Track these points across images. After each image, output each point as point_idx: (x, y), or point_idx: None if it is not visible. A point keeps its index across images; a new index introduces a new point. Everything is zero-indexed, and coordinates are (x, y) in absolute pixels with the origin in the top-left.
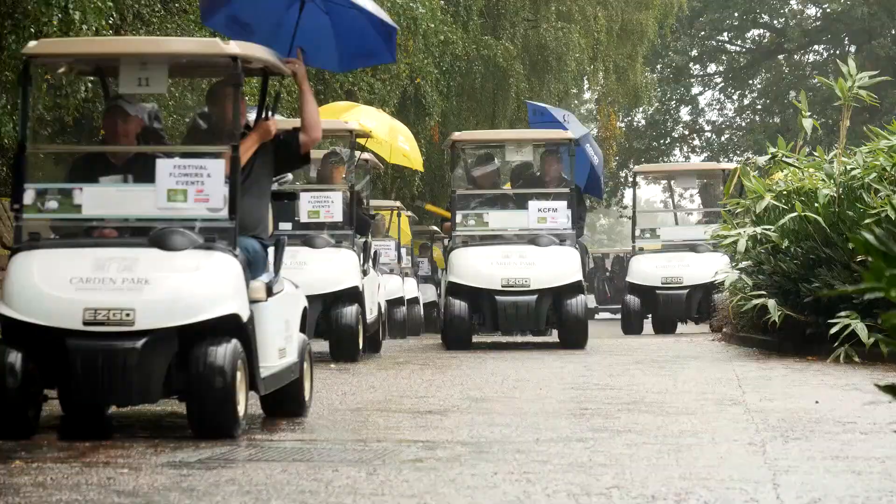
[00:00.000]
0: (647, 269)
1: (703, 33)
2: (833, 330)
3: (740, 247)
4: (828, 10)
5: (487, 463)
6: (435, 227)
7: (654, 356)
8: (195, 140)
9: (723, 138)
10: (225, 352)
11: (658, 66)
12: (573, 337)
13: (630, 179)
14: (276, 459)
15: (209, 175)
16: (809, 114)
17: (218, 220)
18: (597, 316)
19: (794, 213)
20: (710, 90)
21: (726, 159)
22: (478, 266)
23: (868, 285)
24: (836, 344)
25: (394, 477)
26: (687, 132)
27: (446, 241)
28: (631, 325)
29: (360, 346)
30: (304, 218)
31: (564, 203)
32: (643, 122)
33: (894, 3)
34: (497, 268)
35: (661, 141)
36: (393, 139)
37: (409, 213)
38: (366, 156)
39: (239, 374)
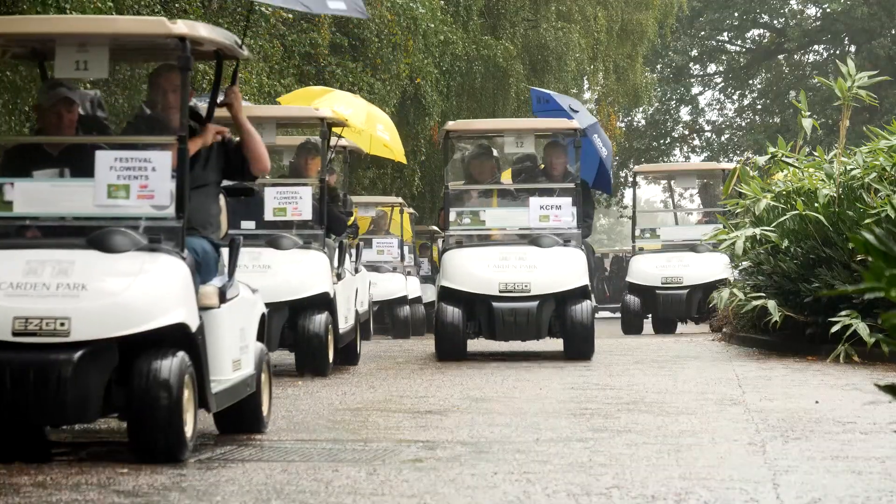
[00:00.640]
0: (647, 269)
1: (703, 33)
2: (833, 329)
3: (738, 249)
4: (828, 10)
5: (487, 463)
6: (435, 227)
7: (654, 356)
8: (139, 130)
9: (723, 138)
10: (171, 365)
11: (658, 66)
12: (578, 347)
13: (630, 179)
14: (276, 459)
15: (154, 169)
16: (809, 114)
17: (163, 219)
18: (597, 315)
19: (795, 213)
20: (710, 90)
21: (726, 159)
22: (473, 269)
23: (868, 285)
24: (836, 343)
25: (394, 477)
26: (687, 132)
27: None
28: (631, 325)
29: (330, 359)
30: (268, 216)
31: (569, 199)
32: (643, 122)
33: (894, 3)
34: (494, 271)
35: (661, 141)
36: (371, 127)
37: (411, 210)
38: (343, 142)
39: (186, 391)
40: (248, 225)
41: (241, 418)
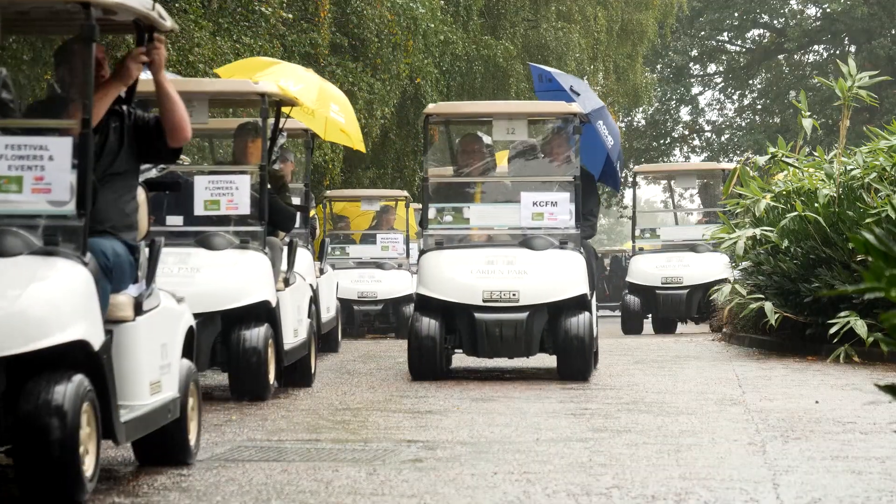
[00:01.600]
0: (647, 269)
1: (703, 33)
2: (833, 329)
3: (739, 249)
4: (828, 10)
5: (487, 463)
6: None
7: (654, 356)
8: (41, 113)
9: (723, 138)
10: (65, 391)
11: (658, 66)
12: (573, 365)
13: (630, 179)
14: (276, 459)
15: (51, 158)
16: (809, 114)
17: (62, 217)
18: (597, 313)
19: (794, 213)
20: (710, 90)
21: (726, 159)
22: (453, 275)
23: (868, 285)
24: (836, 343)
25: (394, 477)
26: (687, 132)
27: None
28: (631, 325)
29: (272, 379)
30: (199, 210)
31: (567, 195)
32: (643, 122)
33: (894, 3)
34: (478, 277)
35: (661, 141)
36: (324, 107)
37: (418, 205)
38: (301, 125)
39: (85, 419)
40: (174, 221)
41: (163, 448)
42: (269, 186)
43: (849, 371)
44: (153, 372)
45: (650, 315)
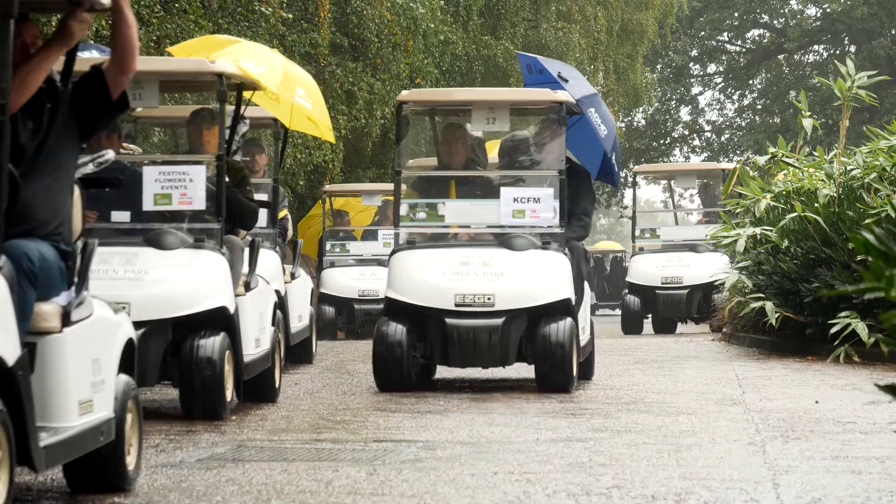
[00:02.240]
0: (647, 269)
1: (703, 33)
2: (833, 330)
3: (739, 247)
4: (828, 10)
5: (487, 463)
6: None
7: (654, 356)
8: None
9: (723, 138)
10: None
11: (658, 66)
12: (553, 375)
13: (630, 179)
14: (276, 459)
15: None
16: (809, 114)
17: None
18: (597, 312)
19: (794, 214)
20: (710, 90)
21: (726, 159)
22: (424, 276)
23: (868, 285)
24: (836, 343)
25: (394, 477)
26: (687, 132)
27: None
28: (631, 325)
29: (229, 395)
30: (148, 205)
31: (550, 191)
32: (643, 122)
33: (894, 3)
34: (450, 279)
35: (661, 141)
36: (289, 91)
37: None
38: (269, 113)
39: None
40: (120, 217)
41: (97, 474)
42: (227, 179)
43: (849, 371)
44: (83, 390)
45: (650, 315)
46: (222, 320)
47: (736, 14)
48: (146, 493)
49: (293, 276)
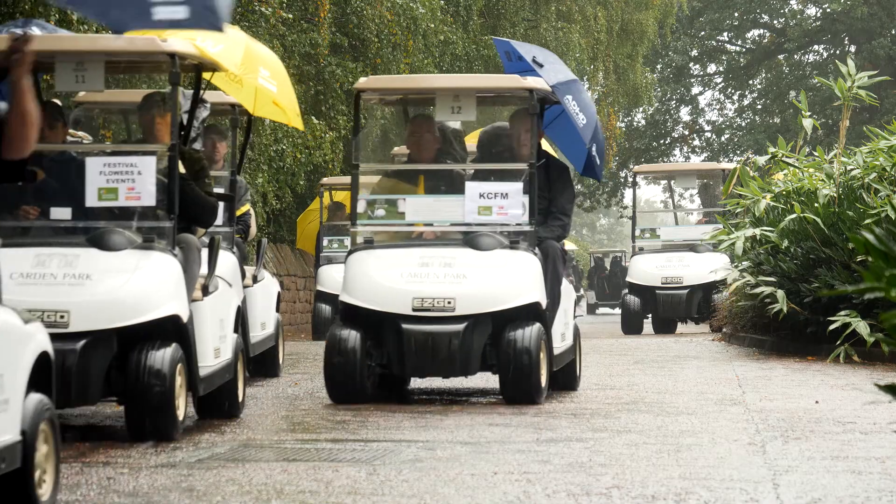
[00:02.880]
0: (647, 269)
1: (703, 33)
2: (832, 327)
3: (738, 249)
4: (828, 10)
5: (487, 463)
6: None
7: (654, 356)
8: None
9: (723, 138)
10: None
11: (658, 66)
12: (518, 385)
13: (630, 179)
14: (275, 459)
15: None
16: (809, 114)
17: None
18: (597, 311)
19: (794, 214)
20: (710, 90)
21: (726, 159)
22: (380, 279)
23: (868, 285)
24: (837, 342)
25: (394, 477)
26: (687, 132)
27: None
28: (631, 325)
29: (181, 414)
30: (91, 200)
31: (520, 186)
32: (643, 122)
33: (894, 3)
34: (408, 281)
35: (661, 141)
36: (250, 71)
37: None
38: (228, 98)
39: None
40: (60, 213)
41: None
42: (183, 171)
43: (849, 371)
44: None
45: (650, 315)
46: (174, 330)
47: (736, 14)
48: (146, 493)
49: (255, 279)
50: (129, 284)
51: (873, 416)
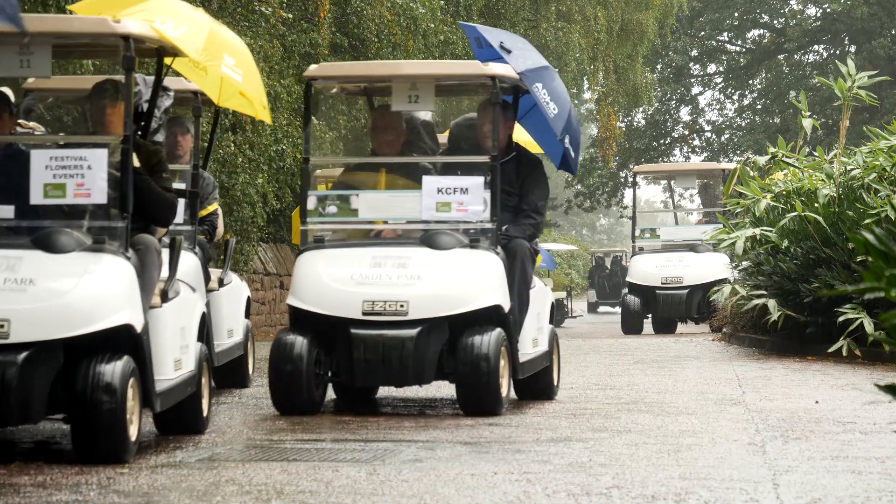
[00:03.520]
0: (647, 269)
1: (703, 33)
2: (840, 319)
3: (738, 249)
4: (828, 10)
5: (487, 463)
6: None
7: (654, 356)
8: None
9: (723, 138)
10: None
11: (658, 66)
12: (476, 394)
13: (630, 179)
14: (276, 459)
15: None
16: (809, 114)
17: None
18: (598, 310)
19: (794, 214)
20: (710, 90)
21: (726, 159)
22: (329, 281)
23: (868, 285)
24: (842, 338)
25: (394, 477)
26: (687, 132)
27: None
28: (631, 325)
29: (133, 434)
30: (36, 198)
31: (480, 181)
32: (643, 122)
33: (894, 3)
34: (358, 283)
35: (661, 141)
36: (213, 58)
37: None
38: (190, 85)
39: None
40: (3, 212)
41: None
42: (139, 165)
43: (849, 371)
44: None
45: (650, 315)
46: (127, 340)
47: (736, 14)
48: (146, 493)
49: (221, 283)
50: (76, 290)
51: (873, 416)
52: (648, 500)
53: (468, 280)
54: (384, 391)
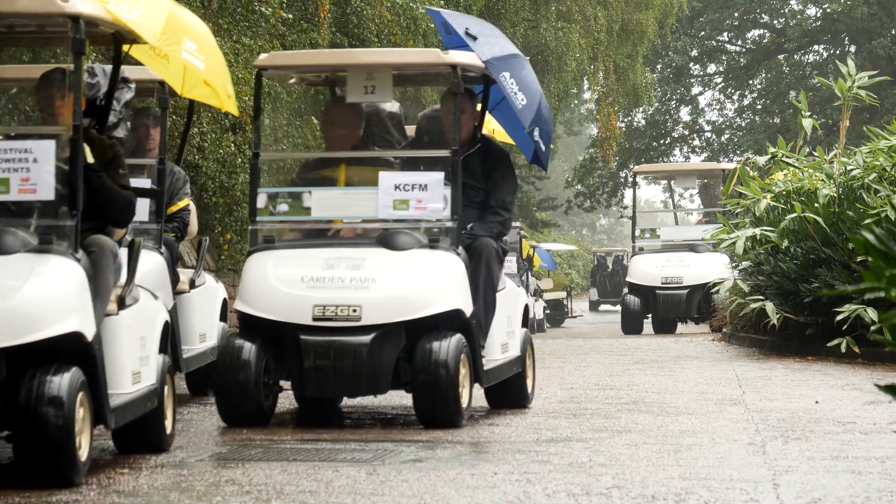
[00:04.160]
0: (647, 269)
1: (703, 33)
2: (840, 317)
3: (738, 249)
4: (828, 10)
5: (487, 463)
6: None
7: (654, 356)
8: None
9: (723, 138)
10: None
11: (658, 66)
12: (436, 404)
13: (630, 179)
14: (276, 459)
15: None
16: (809, 114)
17: None
18: (600, 308)
19: (794, 214)
20: (710, 90)
21: (726, 159)
22: (279, 284)
23: (868, 285)
24: (837, 344)
25: (394, 477)
26: (687, 132)
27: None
28: (631, 325)
29: (84, 453)
30: None
31: (440, 176)
32: (643, 122)
33: (894, 3)
34: (310, 287)
35: (661, 141)
36: (173, 44)
37: None
38: (156, 75)
39: None
40: None
41: None
42: (92, 160)
43: (849, 371)
44: None
45: (650, 315)
46: (77, 351)
47: (736, 14)
48: (146, 493)
49: (193, 284)
50: (19, 295)
51: (873, 416)
52: (648, 500)
53: (426, 283)
54: (352, 399)
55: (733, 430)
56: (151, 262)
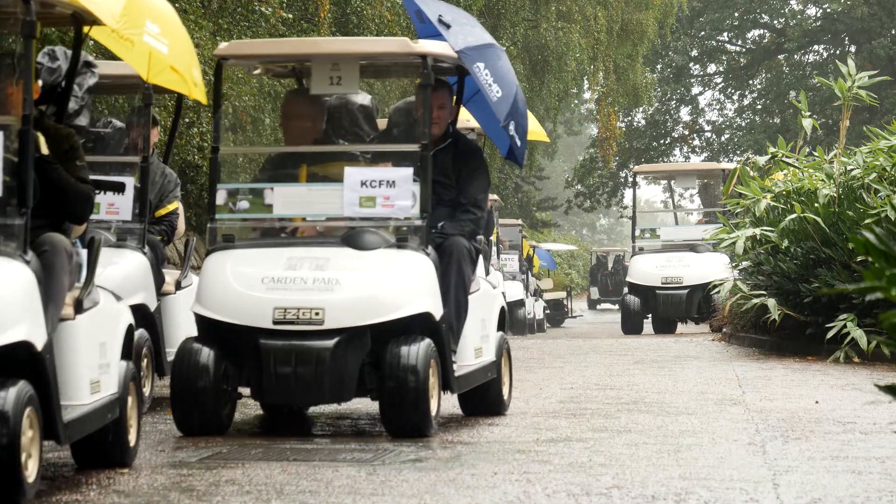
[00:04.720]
0: (647, 269)
1: (703, 33)
2: (830, 334)
3: (738, 249)
4: (828, 10)
5: (487, 463)
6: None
7: (654, 356)
8: None
9: (723, 138)
10: None
11: (658, 66)
12: (402, 412)
13: (630, 179)
14: (276, 459)
15: None
16: (809, 114)
17: None
18: (599, 307)
19: (794, 214)
20: (710, 90)
21: (726, 159)
22: (237, 285)
23: (868, 285)
24: (836, 343)
25: (394, 477)
26: (687, 132)
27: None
28: (631, 325)
29: (31, 473)
30: None
31: (409, 172)
32: (643, 122)
33: (894, 3)
34: (270, 289)
35: (661, 141)
36: (134, 26)
37: (495, 197)
38: (121, 68)
39: None
40: None
41: None
42: (47, 151)
43: (849, 371)
44: None
45: (650, 315)
46: (25, 360)
47: (736, 14)
48: (146, 493)
49: (179, 286)
50: None
51: (873, 416)
52: (648, 500)
53: (393, 284)
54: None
55: (733, 430)
56: (134, 263)
